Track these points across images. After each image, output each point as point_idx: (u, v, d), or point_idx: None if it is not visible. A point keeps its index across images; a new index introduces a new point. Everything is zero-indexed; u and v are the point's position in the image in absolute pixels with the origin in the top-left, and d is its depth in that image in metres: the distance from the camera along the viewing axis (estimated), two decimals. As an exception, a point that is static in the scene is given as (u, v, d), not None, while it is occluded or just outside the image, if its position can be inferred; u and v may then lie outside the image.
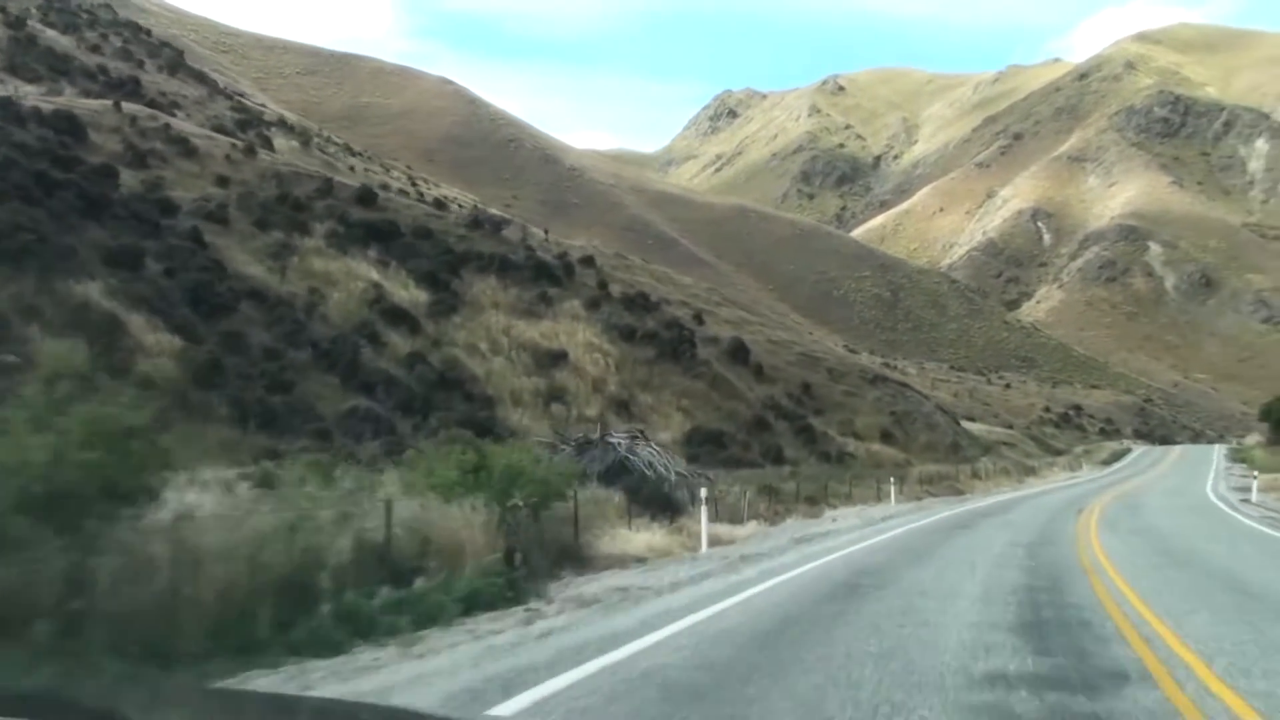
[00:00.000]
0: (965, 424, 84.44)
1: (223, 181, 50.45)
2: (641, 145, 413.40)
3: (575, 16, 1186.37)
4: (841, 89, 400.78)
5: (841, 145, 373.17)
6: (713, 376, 50.47)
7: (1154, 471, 55.59)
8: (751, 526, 20.37)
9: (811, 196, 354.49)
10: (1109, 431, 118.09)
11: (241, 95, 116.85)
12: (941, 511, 31.36)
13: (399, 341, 43.80)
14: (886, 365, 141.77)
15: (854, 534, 21.82)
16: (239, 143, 57.66)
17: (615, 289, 55.19)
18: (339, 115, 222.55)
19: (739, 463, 43.32)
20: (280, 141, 77.83)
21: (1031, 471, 54.12)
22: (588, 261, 58.34)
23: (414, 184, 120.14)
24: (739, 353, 54.27)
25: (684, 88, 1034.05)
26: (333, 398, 36.93)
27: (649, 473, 22.18)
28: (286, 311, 40.83)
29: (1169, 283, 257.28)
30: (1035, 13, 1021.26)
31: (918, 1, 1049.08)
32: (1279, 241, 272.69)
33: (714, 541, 17.20)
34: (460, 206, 70.16)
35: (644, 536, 14.97)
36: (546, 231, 67.97)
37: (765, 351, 56.82)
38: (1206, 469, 58.27)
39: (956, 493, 37.49)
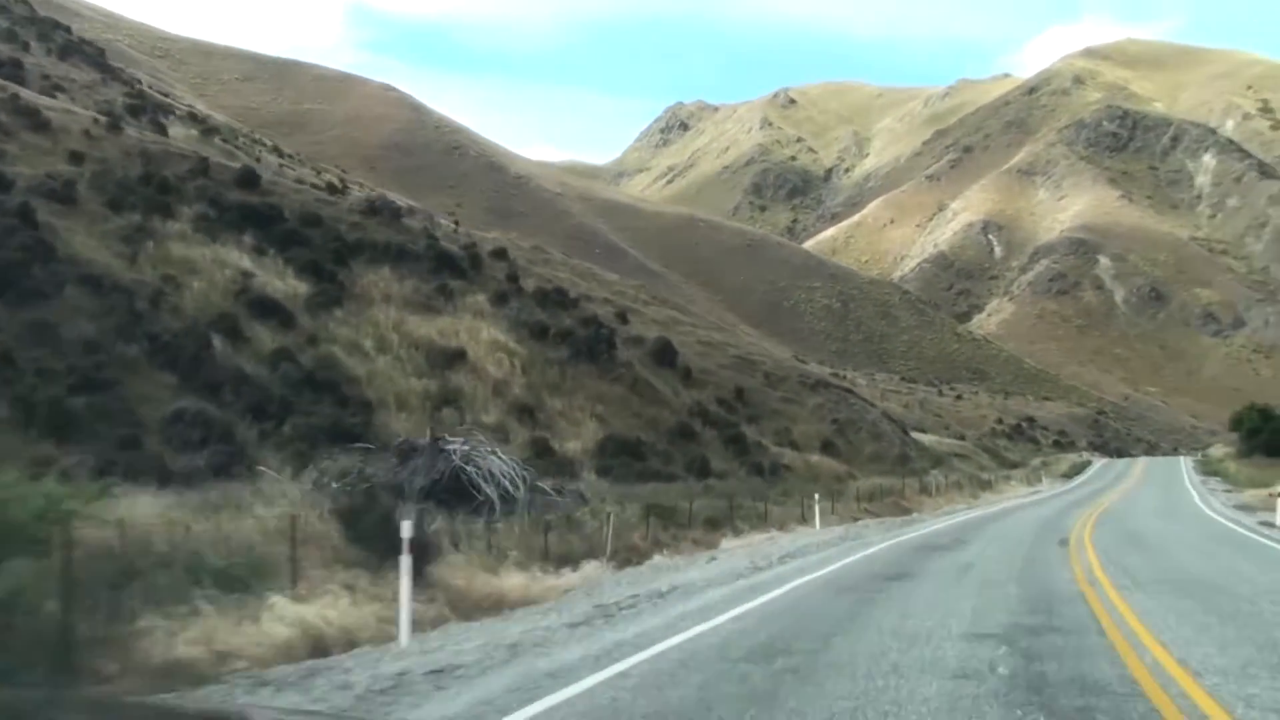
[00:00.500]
0: (915, 435, 79.31)
1: (77, 158, 44.04)
2: (593, 158, 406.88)
3: (527, 30, 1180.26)
4: (793, 102, 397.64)
5: (793, 158, 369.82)
6: (633, 380, 44.67)
7: (1124, 485, 50.21)
8: (589, 570, 14.35)
9: (763, 209, 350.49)
10: (1063, 444, 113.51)
11: (137, 82, 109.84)
12: (873, 543, 23.35)
13: (265, 336, 37.58)
14: (835, 375, 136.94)
15: (717, 592, 13.79)
16: (102, 118, 51.12)
17: (529, 284, 49.31)
18: (278, 122, 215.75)
19: (658, 476, 37.55)
20: (178, 130, 71.26)
21: (987, 485, 48.27)
22: (500, 254, 52.49)
23: (344, 186, 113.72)
24: (665, 354, 48.55)
25: (636, 102, 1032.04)
26: (165, 399, 30.75)
27: (489, 489, 16.28)
28: (125, 301, 34.60)
29: (1119, 296, 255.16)
30: (985, 30, 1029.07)
31: (868, 17, 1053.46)
32: (1226, 256, 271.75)
33: (471, 608, 11.20)
34: (361, 189, 63.92)
35: (300, 611, 8.75)
36: (456, 222, 61.95)
37: (696, 353, 51.17)
38: (1181, 482, 53.57)
39: (902, 511, 31.79)
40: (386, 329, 42.12)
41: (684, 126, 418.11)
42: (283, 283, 42.14)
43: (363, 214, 49.20)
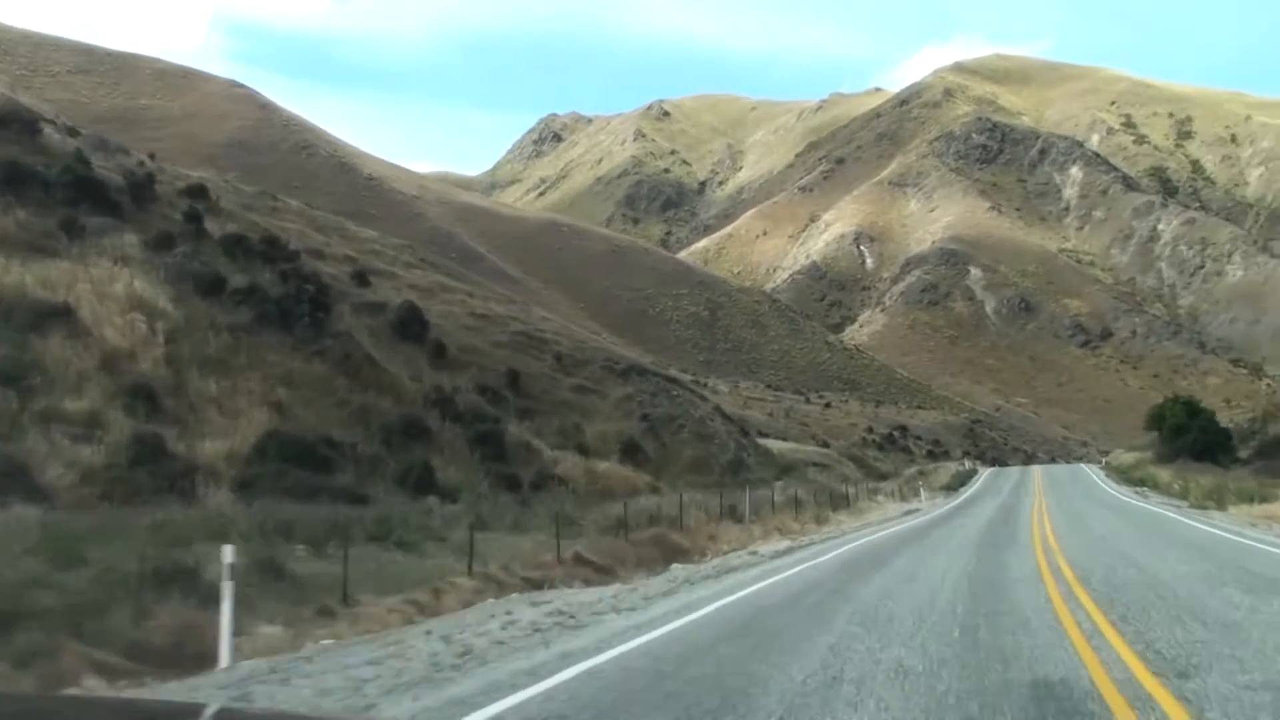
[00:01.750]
0: (769, 441, 66.45)
1: None
2: (467, 170, 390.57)
3: (401, 44, 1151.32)
4: (667, 114, 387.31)
5: (667, 170, 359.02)
6: (345, 356, 30.52)
7: (1033, 501, 37.45)
8: None
9: (636, 221, 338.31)
10: (937, 453, 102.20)
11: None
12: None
13: None
14: (697, 382, 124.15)
15: None
16: None
17: (218, 227, 34.94)
18: (112, 116, 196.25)
19: (335, 492, 23.66)
20: None
21: (844, 502, 35.21)
22: (197, 192, 38.11)
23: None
24: (410, 325, 34.58)
25: (512, 116, 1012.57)
26: None
27: None
28: None
29: (989, 306, 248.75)
30: (860, 49, 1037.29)
31: (746, 36, 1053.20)
32: (1093, 267, 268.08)
33: None
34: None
35: None
36: (153, 155, 47.13)
37: (461, 327, 37.40)
38: (1103, 494, 41.67)
39: (676, 556, 17.80)
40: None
41: (557, 138, 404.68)
42: None
43: (-21, 126, 34.22)
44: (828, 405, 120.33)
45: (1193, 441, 50.95)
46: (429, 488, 26.45)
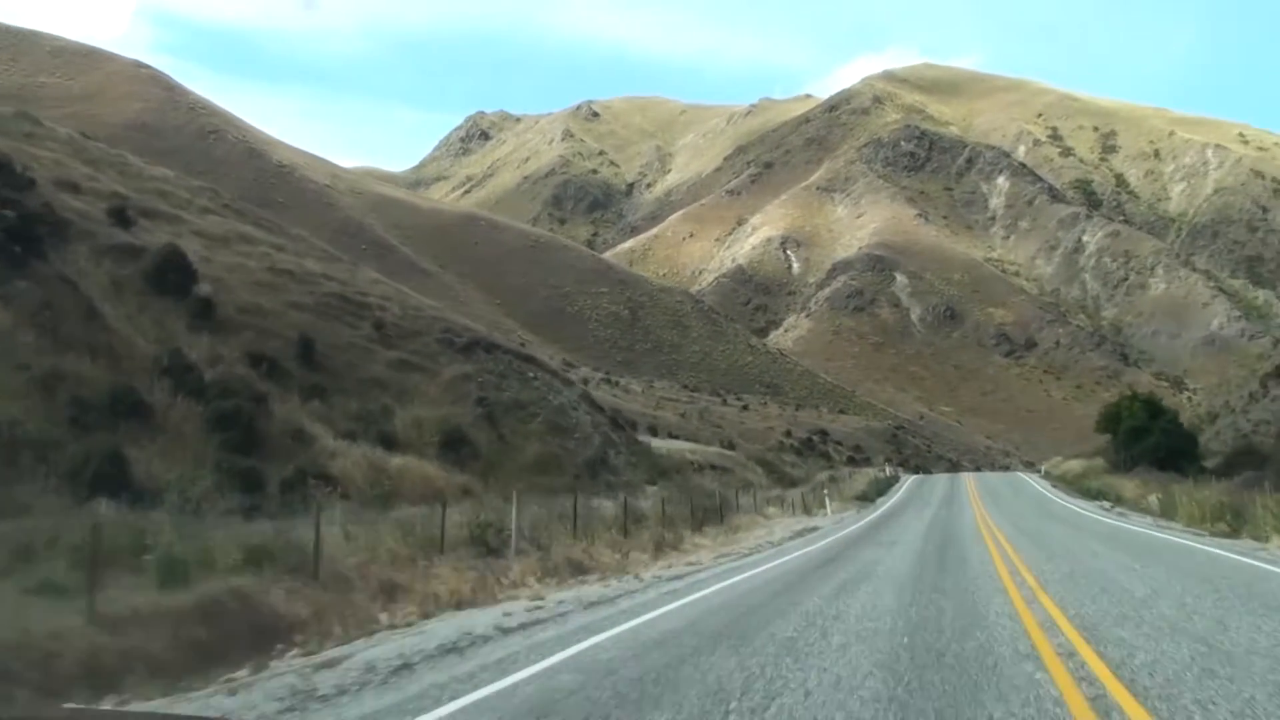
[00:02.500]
0: (667, 441, 58.63)
1: None
2: (392, 167, 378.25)
3: (332, 41, 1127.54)
4: (596, 115, 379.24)
5: (594, 171, 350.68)
6: (44, 305, 21.82)
7: (974, 518, 30.43)
8: None
9: (563, 221, 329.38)
10: (858, 459, 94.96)
11: None
12: None
13: None
14: (607, 382, 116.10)
15: None
16: None
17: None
18: (6, 93, 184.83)
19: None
20: None
21: (717, 516, 26.93)
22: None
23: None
24: (168, 275, 26.05)
25: (443, 115, 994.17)
26: None
27: None
28: None
29: (915, 314, 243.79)
30: (793, 57, 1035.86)
31: (678, 40, 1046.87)
32: (1019, 278, 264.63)
33: None
34: None
35: None
36: None
37: (252, 283, 28.92)
38: (1064, 510, 33.87)
39: (273, 642, 9.36)
40: None
41: (485, 136, 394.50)
42: None
43: None
44: (745, 407, 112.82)
45: (1154, 446, 43.21)
46: (120, 485, 17.92)
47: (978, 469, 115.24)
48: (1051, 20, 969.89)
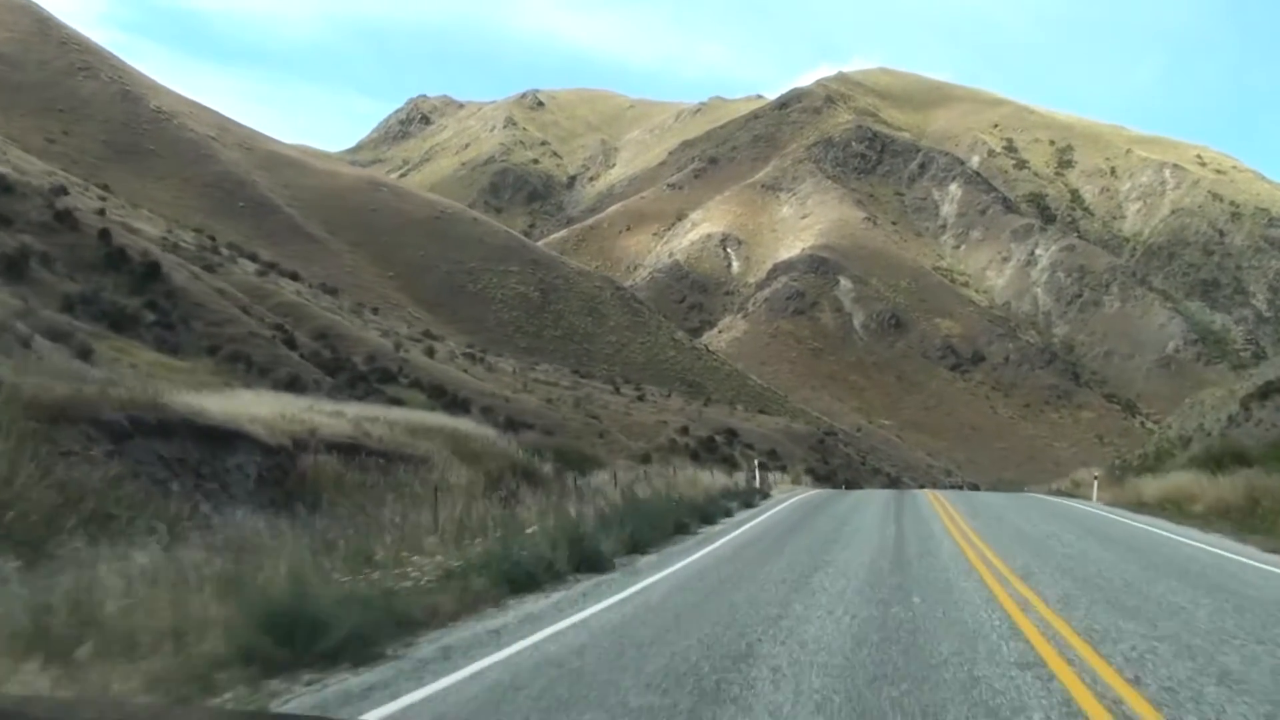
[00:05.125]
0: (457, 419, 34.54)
1: None
2: (328, 147, 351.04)
3: (288, 25, 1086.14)
4: (541, 104, 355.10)
5: (535, 161, 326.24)
6: None
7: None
8: None
9: (499, 210, 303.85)
10: (771, 465, 71.57)
11: None
12: None
13: None
14: (471, 357, 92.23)
15: None
16: None
17: None
18: None
19: None
20: None
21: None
22: None
23: None
24: None
25: (392, 103, 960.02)
26: None
27: None
28: None
29: (858, 320, 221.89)
30: (752, 66, 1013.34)
31: (637, 44, 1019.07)
32: (968, 289, 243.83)
33: None
34: None
35: None
36: None
37: None
38: None
39: None
40: None
41: (425, 120, 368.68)
42: None
43: None
44: (640, 398, 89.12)
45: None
46: None
47: (923, 486, 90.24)
48: (1018, 40, 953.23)
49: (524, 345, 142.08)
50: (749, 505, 27.38)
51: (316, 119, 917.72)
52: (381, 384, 57.64)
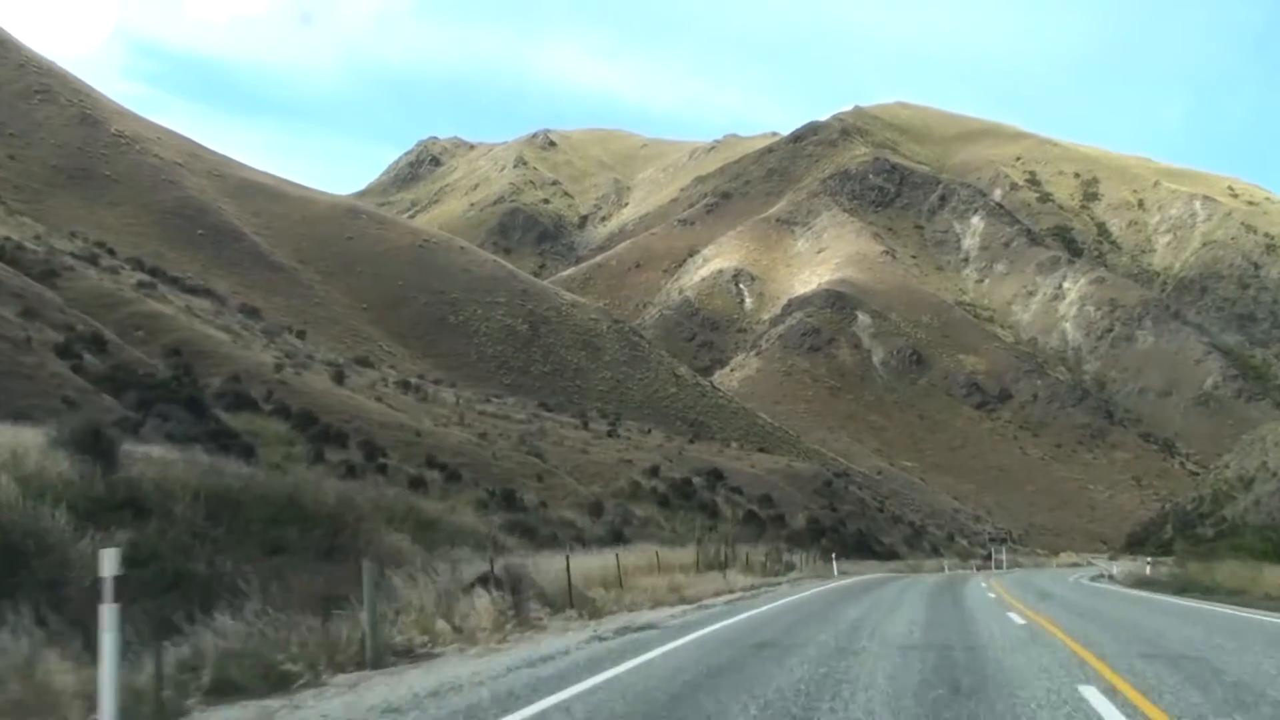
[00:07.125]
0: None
1: None
2: (336, 190, 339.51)
3: (314, 78, 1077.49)
4: (553, 144, 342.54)
5: (546, 201, 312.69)
6: None
7: None
8: None
9: (508, 251, 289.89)
10: (762, 515, 55.72)
11: None
12: None
13: None
14: (406, 385, 76.64)
15: None
16: None
17: None
18: None
19: None
20: None
21: None
22: None
23: None
24: None
25: (404, 147, 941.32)
26: None
27: None
28: None
29: (877, 357, 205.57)
30: (772, 106, 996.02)
31: (657, 90, 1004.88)
32: (993, 324, 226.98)
33: None
34: None
35: None
36: None
37: None
38: None
39: None
40: None
41: (436, 162, 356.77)
42: None
43: None
44: (611, 433, 73.29)
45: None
46: None
47: (943, 539, 74.39)
48: (1040, 84, 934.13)
49: (508, 381, 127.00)
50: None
51: (337, 167, 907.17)
52: (234, 409, 42.19)
